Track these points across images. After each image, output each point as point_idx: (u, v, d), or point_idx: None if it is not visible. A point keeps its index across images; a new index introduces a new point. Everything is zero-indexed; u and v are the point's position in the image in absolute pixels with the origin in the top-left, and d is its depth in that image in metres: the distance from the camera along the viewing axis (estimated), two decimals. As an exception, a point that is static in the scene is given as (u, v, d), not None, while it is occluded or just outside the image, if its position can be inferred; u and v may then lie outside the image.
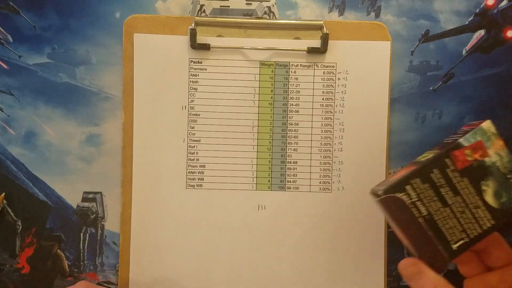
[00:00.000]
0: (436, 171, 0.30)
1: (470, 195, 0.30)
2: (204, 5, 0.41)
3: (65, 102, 0.41)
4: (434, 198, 0.30)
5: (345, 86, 0.41)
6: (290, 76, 0.41)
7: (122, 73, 0.41)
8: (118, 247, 0.41)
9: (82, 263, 0.42)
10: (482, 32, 0.41)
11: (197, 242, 0.41)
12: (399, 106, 0.42)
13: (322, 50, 0.40)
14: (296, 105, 0.41)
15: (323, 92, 0.41)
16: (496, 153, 0.31)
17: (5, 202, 0.41)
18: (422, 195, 0.30)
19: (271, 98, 0.41)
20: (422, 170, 0.30)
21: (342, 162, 0.41)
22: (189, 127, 0.41)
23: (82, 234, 0.42)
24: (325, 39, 0.40)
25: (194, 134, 0.41)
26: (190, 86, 0.41)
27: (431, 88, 0.42)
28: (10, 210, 0.41)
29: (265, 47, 0.41)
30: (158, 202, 0.41)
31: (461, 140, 0.31)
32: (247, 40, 0.40)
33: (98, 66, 0.41)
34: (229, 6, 0.41)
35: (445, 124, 0.42)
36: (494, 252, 0.32)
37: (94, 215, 0.42)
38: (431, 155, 0.31)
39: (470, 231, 0.30)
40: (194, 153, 0.41)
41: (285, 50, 0.41)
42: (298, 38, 0.41)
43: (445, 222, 0.30)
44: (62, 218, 0.42)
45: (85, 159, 0.41)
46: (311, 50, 0.40)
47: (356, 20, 0.41)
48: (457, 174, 0.30)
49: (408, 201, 0.30)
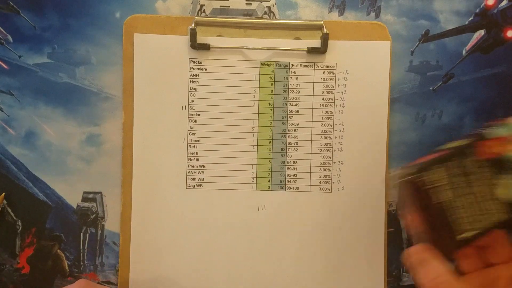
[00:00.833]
0: (457, 160, 0.31)
1: (487, 187, 0.31)
2: (204, 5, 0.41)
3: (65, 102, 0.41)
4: (453, 186, 0.30)
5: (345, 86, 0.41)
6: (290, 76, 0.41)
7: (122, 73, 0.41)
8: (118, 247, 0.41)
9: (82, 263, 0.42)
10: (482, 32, 0.41)
11: (197, 242, 0.41)
12: (399, 106, 0.42)
13: (322, 50, 0.40)
14: (296, 105, 0.41)
15: (323, 92, 0.41)
16: None
17: (5, 202, 0.41)
18: (441, 182, 0.30)
19: (271, 98, 0.41)
20: (444, 157, 0.31)
21: (342, 162, 0.41)
22: (189, 127, 0.41)
23: (82, 234, 0.42)
24: (325, 39, 0.40)
25: (194, 134, 0.41)
26: (190, 86, 0.41)
27: (431, 88, 0.42)
28: (10, 210, 0.41)
29: (265, 47, 0.41)
30: (158, 202, 0.41)
31: (486, 132, 0.31)
32: (247, 40, 0.40)
33: (98, 66, 0.41)
34: (229, 6, 0.41)
35: (445, 124, 0.42)
36: (497, 248, 0.32)
37: (94, 215, 0.42)
38: (456, 144, 0.31)
39: (483, 223, 0.30)
40: (194, 153, 0.41)
41: (285, 50, 0.41)
42: (298, 38, 0.41)
43: (462, 210, 0.30)
44: (62, 218, 0.42)
45: (85, 159, 0.41)
46: (311, 50, 0.40)
47: (356, 20, 0.41)
48: (478, 165, 0.31)
49: (427, 186, 0.30)
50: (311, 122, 0.41)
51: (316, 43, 0.40)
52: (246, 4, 0.41)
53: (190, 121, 0.41)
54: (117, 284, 0.41)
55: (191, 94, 0.41)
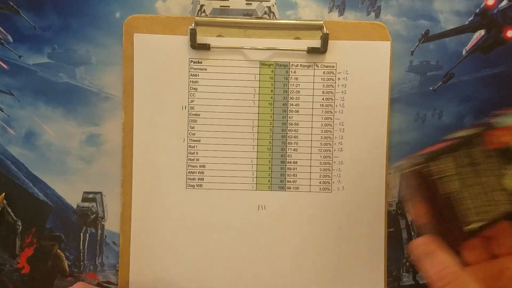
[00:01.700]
0: (465, 149, 0.30)
1: (494, 178, 0.30)
2: (204, 5, 0.41)
3: (65, 102, 0.41)
4: (460, 176, 0.30)
5: (345, 86, 0.41)
6: (290, 76, 0.41)
7: (122, 73, 0.41)
8: (118, 247, 0.41)
9: (82, 263, 0.42)
10: (482, 32, 0.41)
11: (197, 242, 0.41)
12: (399, 106, 0.42)
13: (322, 50, 0.40)
14: (296, 105, 0.41)
15: (323, 92, 0.41)
16: None
17: (5, 202, 0.41)
18: (448, 172, 0.30)
19: (271, 98, 0.41)
20: (451, 146, 0.30)
21: (342, 162, 0.41)
22: (189, 127, 0.41)
23: (82, 234, 0.42)
24: (325, 39, 0.40)
25: (194, 134, 0.41)
26: (190, 86, 0.41)
27: (431, 88, 0.42)
28: (10, 210, 0.41)
29: (265, 47, 0.41)
30: (158, 202, 0.41)
31: (494, 121, 0.30)
32: (247, 40, 0.40)
33: (98, 66, 0.41)
34: (229, 6, 0.41)
35: (445, 124, 0.42)
36: (503, 239, 0.32)
37: (94, 215, 0.42)
38: (464, 133, 0.31)
39: (490, 214, 0.30)
40: (194, 153, 0.41)
41: (285, 50, 0.41)
42: (298, 38, 0.41)
43: (469, 201, 0.30)
44: (62, 218, 0.42)
45: (85, 159, 0.41)
46: (311, 50, 0.40)
47: (356, 20, 0.41)
48: (485, 155, 0.30)
49: (434, 176, 0.30)
50: (311, 122, 0.41)
51: (316, 43, 0.40)
52: (246, 4, 0.41)
53: (190, 121, 0.41)
54: (117, 284, 0.41)
55: (191, 94, 0.41)
